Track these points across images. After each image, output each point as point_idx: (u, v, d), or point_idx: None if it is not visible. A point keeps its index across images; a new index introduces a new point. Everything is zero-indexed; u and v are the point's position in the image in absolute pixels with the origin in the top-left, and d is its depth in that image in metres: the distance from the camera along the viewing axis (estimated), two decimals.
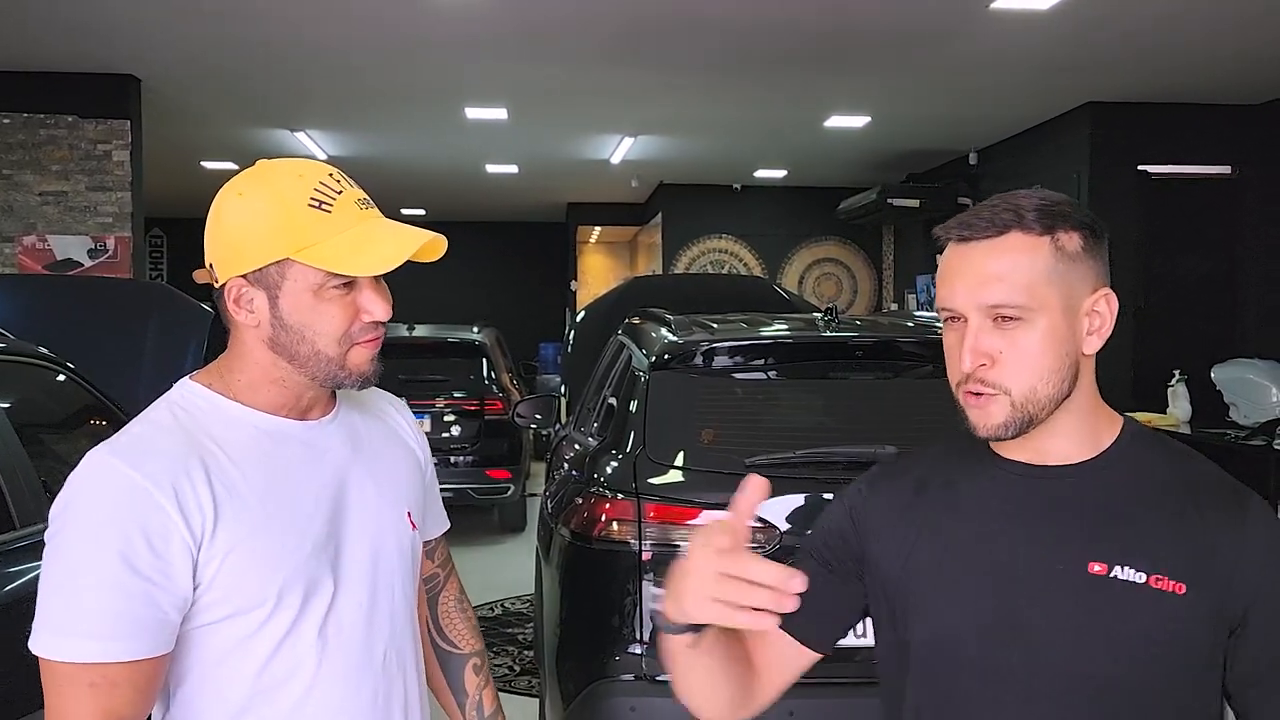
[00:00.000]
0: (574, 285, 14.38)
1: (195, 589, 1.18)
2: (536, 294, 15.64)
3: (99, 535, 1.13)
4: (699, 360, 3.08)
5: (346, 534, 1.30)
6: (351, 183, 1.28)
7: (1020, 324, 1.13)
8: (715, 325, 3.39)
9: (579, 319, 6.11)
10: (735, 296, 5.59)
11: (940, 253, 1.21)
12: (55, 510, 1.17)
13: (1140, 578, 1.11)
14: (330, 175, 1.26)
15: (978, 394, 1.14)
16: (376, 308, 1.26)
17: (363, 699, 1.30)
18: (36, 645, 1.13)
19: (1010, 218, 1.13)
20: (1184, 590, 1.11)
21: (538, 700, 3.42)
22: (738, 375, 3.14)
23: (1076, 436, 1.18)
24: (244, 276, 1.22)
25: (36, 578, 1.17)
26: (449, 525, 1.60)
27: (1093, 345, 1.17)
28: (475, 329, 8.34)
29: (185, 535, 1.15)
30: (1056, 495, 1.16)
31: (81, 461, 1.18)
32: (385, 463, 1.39)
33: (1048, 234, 1.13)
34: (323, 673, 1.26)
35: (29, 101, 7.06)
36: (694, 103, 7.85)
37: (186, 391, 1.28)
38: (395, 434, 1.45)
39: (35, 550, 1.45)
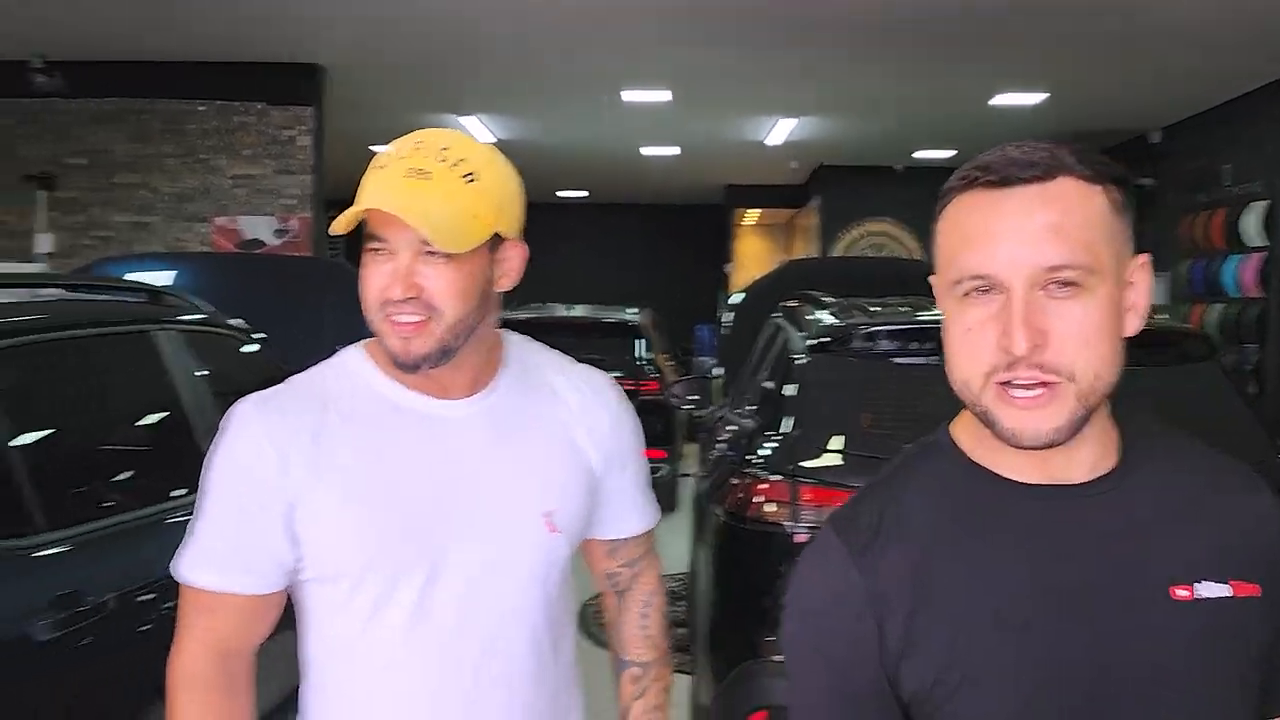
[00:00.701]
0: (728, 268, 14.36)
1: (295, 545, 1.20)
2: (692, 276, 15.68)
3: (220, 476, 1.21)
4: (857, 344, 3.04)
5: (458, 525, 1.21)
6: (432, 154, 1.16)
7: (1078, 292, 0.86)
8: (874, 309, 3.35)
9: (737, 300, 6.12)
10: (895, 280, 5.48)
11: (942, 210, 0.93)
12: None
13: (1226, 590, 0.92)
14: (417, 143, 1.18)
15: (1031, 385, 0.86)
16: (393, 282, 1.15)
17: (445, 698, 1.22)
18: (173, 563, 1.23)
19: (1049, 159, 0.88)
20: (1260, 591, 0.93)
21: (690, 677, 3.47)
22: (897, 360, 3.09)
23: (1100, 442, 0.94)
24: None
25: None
26: (641, 528, 1.42)
27: (1133, 325, 0.91)
28: (632, 309, 8.46)
29: (283, 492, 1.18)
30: (1103, 519, 0.92)
31: (236, 402, 1.24)
32: (533, 455, 1.27)
33: (1099, 182, 0.89)
34: (405, 662, 1.21)
35: (223, 90, 7.54)
36: (855, 81, 7.72)
37: (347, 356, 1.27)
38: (562, 427, 1.30)
39: None
